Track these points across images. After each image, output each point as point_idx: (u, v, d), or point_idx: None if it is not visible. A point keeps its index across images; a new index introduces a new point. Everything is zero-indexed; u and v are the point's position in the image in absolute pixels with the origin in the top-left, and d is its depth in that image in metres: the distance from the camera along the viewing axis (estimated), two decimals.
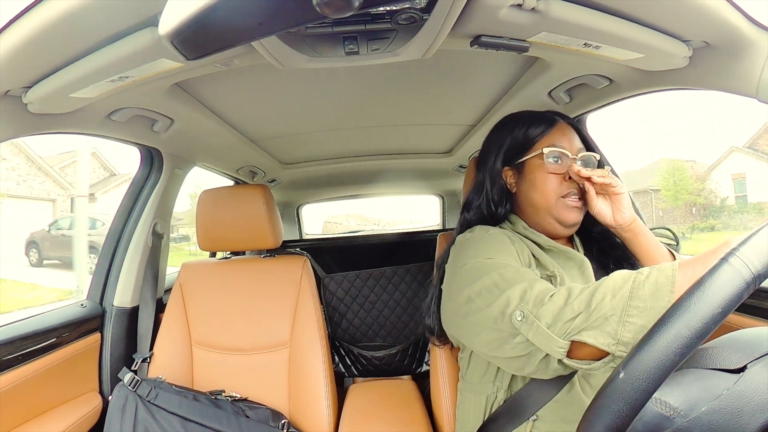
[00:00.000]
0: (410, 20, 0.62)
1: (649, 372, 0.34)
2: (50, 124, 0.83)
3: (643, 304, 0.48)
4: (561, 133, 0.78)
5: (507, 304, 0.58)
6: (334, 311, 1.82)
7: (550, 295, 0.56)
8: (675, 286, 0.47)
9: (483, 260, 0.68)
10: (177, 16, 0.45)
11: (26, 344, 0.96)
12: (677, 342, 0.34)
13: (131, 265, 1.26)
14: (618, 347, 0.48)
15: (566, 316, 0.52)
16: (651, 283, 0.49)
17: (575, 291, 0.54)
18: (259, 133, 1.38)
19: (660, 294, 0.47)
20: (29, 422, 0.97)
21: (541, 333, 0.54)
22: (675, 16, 0.63)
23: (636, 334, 0.47)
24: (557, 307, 0.54)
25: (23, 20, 0.55)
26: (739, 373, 0.36)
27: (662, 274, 0.49)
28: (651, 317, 0.47)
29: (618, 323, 0.49)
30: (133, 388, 0.98)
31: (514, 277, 0.61)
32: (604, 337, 0.49)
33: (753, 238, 0.37)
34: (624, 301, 0.49)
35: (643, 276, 0.50)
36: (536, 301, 0.56)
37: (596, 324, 0.50)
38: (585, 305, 0.52)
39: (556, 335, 0.53)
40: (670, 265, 0.50)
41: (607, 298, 0.51)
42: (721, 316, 0.34)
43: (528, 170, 0.79)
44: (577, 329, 0.51)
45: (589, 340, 0.50)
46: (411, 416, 1.11)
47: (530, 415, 0.68)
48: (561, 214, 0.76)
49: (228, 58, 0.72)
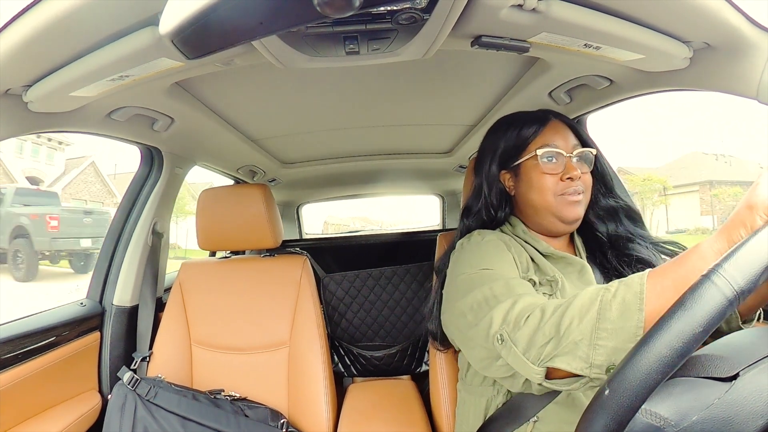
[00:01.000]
0: (411, 20, 0.62)
1: (633, 389, 0.34)
2: (50, 122, 0.83)
3: (611, 326, 0.47)
4: (554, 132, 0.77)
5: (490, 325, 0.58)
6: (334, 311, 1.82)
7: (527, 317, 0.55)
8: (644, 303, 0.45)
9: (477, 272, 0.68)
10: (178, 16, 0.45)
11: (25, 343, 0.96)
12: (659, 362, 0.34)
13: (131, 264, 1.26)
14: (592, 370, 0.47)
15: (538, 341, 0.52)
16: (618, 303, 0.47)
17: (548, 312, 0.53)
18: (260, 132, 1.38)
19: (628, 313, 0.46)
20: (28, 421, 0.96)
21: (518, 359, 0.53)
22: (676, 17, 0.63)
23: (608, 356, 0.46)
24: (531, 331, 0.53)
25: (24, 19, 0.55)
26: (731, 381, 0.36)
27: (630, 290, 0.48)
28: (621, 338, 0.46)
29: (588, 347, 0.47)
30: (132, 387, 0.98)
31: (503, 293, 0.61)
32: (576, 362, 0.48)
33: (736, 253, 0.37)
34: (592, 324, 0.48)
35: (610, 294, 0.49)
36: (515, 323, 0.55)
37: (567, 350, 0.49)
38: (555, 330, 0.51)
39: (531, 362, 0.52)
40: (638, 280, 0.48)
41: (574, 322, 0.49)
42: (702, 335, 0.34)
43: (524, 172, 0.78)
44: (549, 356, 0.51)
45: (563, 366, 0.49)
46: (410, 416, 1.11)
47: (531, 416, 0.68)
48: (561, 211, 0.75)
49: (228, 57, 0.72)
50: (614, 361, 0.46)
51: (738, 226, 0.42)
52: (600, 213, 0.81)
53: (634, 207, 0.83)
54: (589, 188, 0.78)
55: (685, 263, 0.45)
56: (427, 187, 2.56)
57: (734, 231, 0.42)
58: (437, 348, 0.88)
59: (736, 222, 0.42)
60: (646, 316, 0.45)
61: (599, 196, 0.81)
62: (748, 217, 0.41)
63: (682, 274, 0.45)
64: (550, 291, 0.70)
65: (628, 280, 0.49)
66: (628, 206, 0.82)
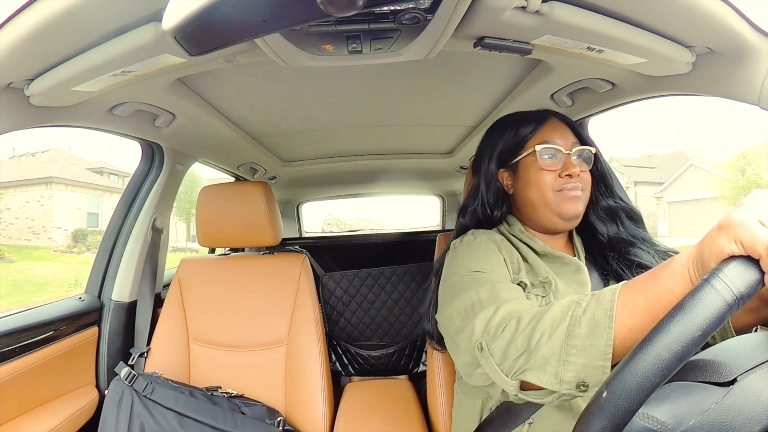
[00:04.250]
0: (414, 20, 0.62)
1: (630, 392, 0.34)
2: (52, 117, 0.83)
3: (581, 343, 0.46)
4: (553, 129, 0.77)
5: (473, 333, 0.58)
6: (332, 310, 1.83)
7: (504, 327, 0.54)
8: (613, 321, 0.45)
9: (467, 274, 0.68)
10: (181, 12, 0.45)
11: (23, 336, 0.96)
12: (657, 365, 0.34)
13: (130, 260, 1.26)
14: (562, 385, 0.47)
15: (511, 354, 0.52)
16: (588, 319, 0.47)
17: (522, 322, 0.53)
18: (261, 130, 1.38)
19: (597, 330, 0.46)
20: (25, 415, 0.96)
21: (494, 370, 0.54)
22: (679, 21, 0.63)
23: (577, 372, 0.46)
24: (505, 343, 0.53)
25: (27, 12, 0.55)
26: (729, 386, 0.36)
27: (600, 307, 0.47)
28: (590, 355, 0.45)
29: (558, 363, 0.47)
30: (129, 382, 0.98)
31: (488, 299, 0.60)
32: (546, 377, 0.48)
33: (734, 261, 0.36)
34: (561, 340, 0.48)
35: (580, 309, 0.48)
36: (494, 332, 0.55)
37: (538, 365, 0.49)
38: (526, 344, 0.50)
39: (505, 374, 0.52)
40: (609, 296, 0.47)
41: (544, 337, 0.49)
42: (701, 339, 0.34)
43: (523, 169, 0.78)
44: (521, 369, 0.51)
45: (533, 381, 0.49)
46: (407, 416, 1.11)
47: (526, 418, 0.68)
48: (560, 207, 0.74)
49: (231, 54, 0.72)
50: (584, 378, 0.46)
51: (706, 245, 0.40)
52: (601, 214, 0.80)
53: (635, 208, 0.82)
54: (588, 186, 0.77)
55: (657, 280, 0.44)
56: (427, 187, 2.56)
57: (704, 250, 0.41)
58: (435, 348, 0.88)
59: (706, 241, 0.41)
60: (616, 334, 0.44)
61: (599, 196, 0.81)
62: (716, 237, 0.39)
63: (654, 293, 0.44)
64: (543, 293, 0.70)
65: (599, 294, 0.49)
66: (629, 207, 0.81)
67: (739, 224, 0.38)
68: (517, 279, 0.70)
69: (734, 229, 0.38)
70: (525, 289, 0.70)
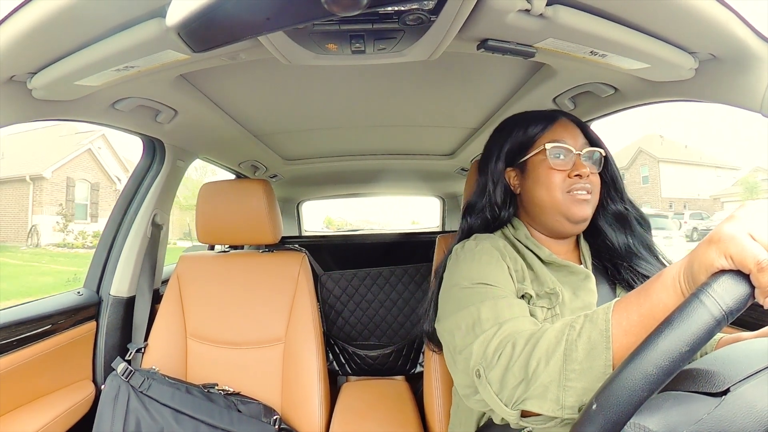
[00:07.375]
0: (418, 21, 0.62)
1: (619, 405, 0.35)
2: (54, 110, 0.83)
3: (579, 367, 0.46)
4: (563, 129, 0.75)
5: (470, 357, 0.57)
6: (331, 309, 1.82)
7: (500, 353, 0.53)
8: (611, 341, 0.44)
9: (470, 286, 0.66)
10: (185, 8, 0.45)
11: (21, 330, 0.96)
12: (644, 380, 0.34)
13: (129, 255, 1.26)
14: (564, 411, 0.46)
15: (509, 383, 0.51)
16: (584, 342, 0.46)
17: (518, 347, 0.52)
18: (263, 128, 1.38)
19: (595, 353, 0.45)
20: (21, 408, 0.96)
21: (493, 399, 0.53)
22: (683, 27, 0.63)
23: (579, 396, 0.45)
24: (502, 371, 0.52)
25: (31, 6, 0.55)
26: (721, 397, 0.36)
27: (595, 328, 0.46)
28: (590, 378, 0.45)
29: (558, 389, 0.46)
30: (126, 378, 0.98)
31: (488, 318, 0.59)
32: (548, 405, 0.47)
33: (723, 275, 0.36)
34: (559, 366, 0.47)
35: (575, 332, 0.48)
36: (491, 359, 0.54)
37: (537, 393, 0.48)
38: (523, 372, 0.50)
39: (504, 404, 0.52)
40: (603, 315, 0.46)
41: (541, 364, 0.48)
42: (689, 354, 0.34)
43: (531, 168, 0.75)
44: (520, 399, 0.50)
45: (534, 409, 0.48)
46: (403, 416, 1.11)
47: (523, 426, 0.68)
48: (569, 210, 0.71)
49: (234, 51, 0.72)
50: (586, 401, 0.45)
51: (696, 259, 0.40)
52: (611, 220, 0.78)
53: (645, 214, 0.80)
54: (597, 189, 0.74)
55: (649, 295, 0.44)
56: (428, 188, 2.56)
57: (694, 263, 0.40)
58: (432, 349, 0.87)
59: (696, 254, 0.40)
60: (614, 353, 0.44)
61: (608, 200, 0.78)
62: (706, 251, 0.39)
63: (648, 308, 0.44)
64: (549, 304, 0.67)
65: (593, 315, 0.48)
66: (640, 213, 0.79)
67: (730, 239, 0.37)
68: (522, 290, 0.68)
69: (724, 244, 0.37)
70: (530, 300, 0.68)
